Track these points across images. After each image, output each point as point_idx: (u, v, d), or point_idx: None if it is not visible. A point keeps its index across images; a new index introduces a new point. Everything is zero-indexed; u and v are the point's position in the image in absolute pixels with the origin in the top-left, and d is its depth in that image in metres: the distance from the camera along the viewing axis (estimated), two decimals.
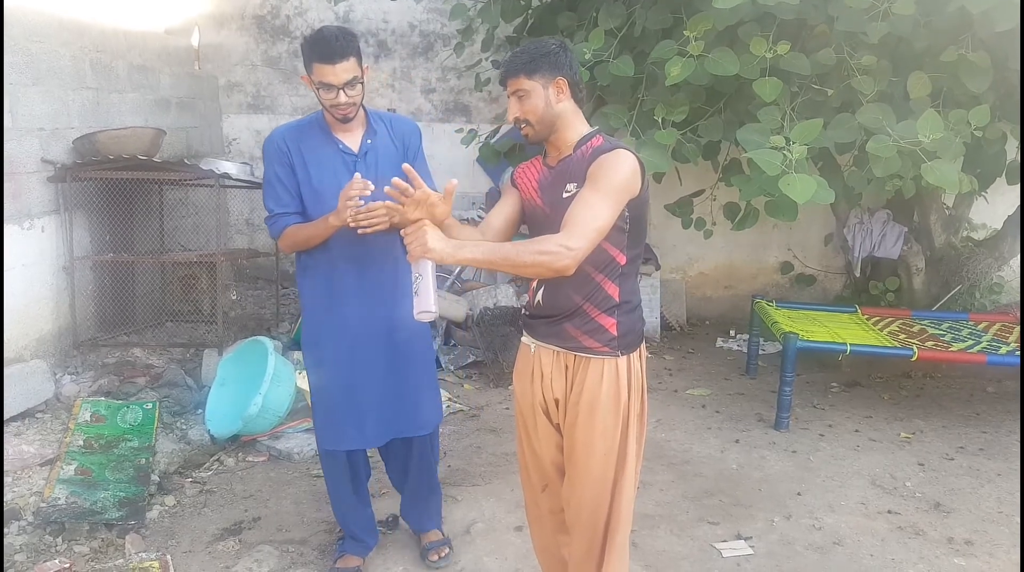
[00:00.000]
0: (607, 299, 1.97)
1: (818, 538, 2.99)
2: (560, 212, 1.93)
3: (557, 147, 2.03)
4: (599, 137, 2.00)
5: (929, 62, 3.57)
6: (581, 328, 1.98)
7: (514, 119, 2.00)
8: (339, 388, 2.48)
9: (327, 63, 2.19)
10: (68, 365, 4.10)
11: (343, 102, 2.24)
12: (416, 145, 2.45)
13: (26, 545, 2.75)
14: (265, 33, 5.99)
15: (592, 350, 1.99)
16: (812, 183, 3.07)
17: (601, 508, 2.03)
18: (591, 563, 2.08)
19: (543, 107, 1.95)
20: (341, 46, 2.19)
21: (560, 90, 1.95)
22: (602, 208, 1.85)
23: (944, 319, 4.71)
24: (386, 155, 2.38)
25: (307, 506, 3.17)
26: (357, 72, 2.23)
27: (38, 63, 3.90)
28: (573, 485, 2.07)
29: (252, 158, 6.00)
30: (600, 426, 1.99)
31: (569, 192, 1.95)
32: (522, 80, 1.94)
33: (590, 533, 2.06)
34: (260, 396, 3.45)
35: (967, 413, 4.33)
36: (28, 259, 3.84)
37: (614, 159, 1.89)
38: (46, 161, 3.95)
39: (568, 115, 1.99)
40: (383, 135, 2.40)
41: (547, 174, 2.06)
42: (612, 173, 1.88)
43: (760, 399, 4.46)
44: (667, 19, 3.81)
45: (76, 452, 3.27)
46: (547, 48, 1.95)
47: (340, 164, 2.35)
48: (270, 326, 4.99)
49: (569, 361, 2.03)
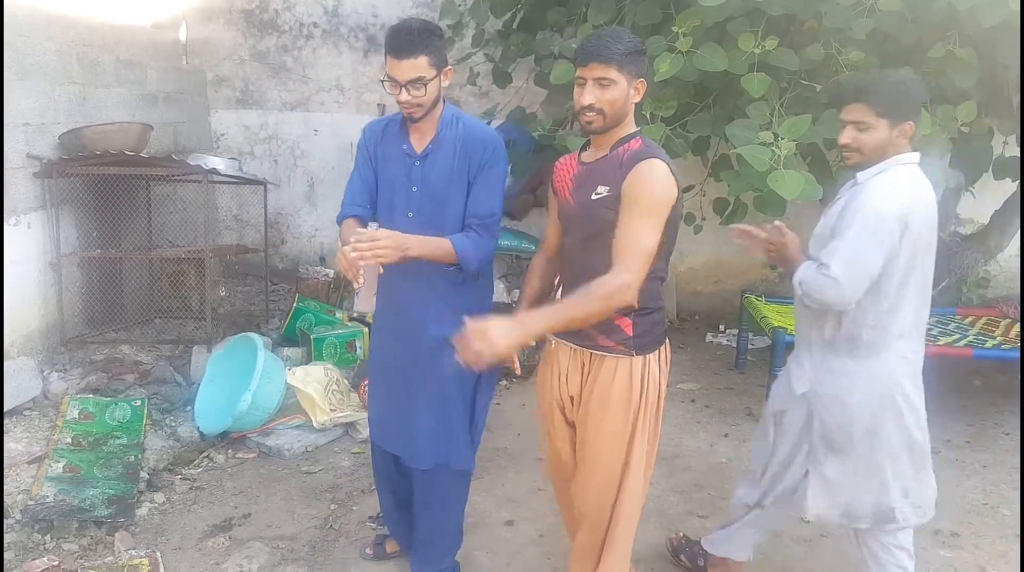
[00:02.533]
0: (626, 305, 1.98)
1: (806, 531, 3.02)
2: (588, 214, 1.95)
3: (600, 144, 2.02)
4: (638, 139, 1.98)
5: (917, 58, 3.58)
6: (597, 326, 1.99)
7: (586, 105, 1.92)
8: (374, 384, 2.59)
9: (394, 57, 2.11)
10: (56, 362, 4.07)
11: (404, 100, 2.15)
12: (480, 159, 2.24)
13: (14, 543, 2.74)
14: (253, 27, 5.95)
15: (607, 348, 2.00)
16: (800, 179, 3.07)
17: (605, 506, 2.05)
18: (590, 559, 2.10)
19: (622, 102, 1.93)
20: (411, 42, 2.09)
21: (638, 92, 1.95)
22: (647, 230, 1.86)
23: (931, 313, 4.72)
24: (444, 162, 2.26)
25: (297, 502, 3.16)
26: (426, 73, 2.12)
27: (24, 58, 3.86)
28: (579, 481, 2.09)
29: (240, 153, 5.98)
30: (609, 424, 2.00)
31: (599, 194, 1.95)
32: (613, 70, 1.88)
33: (593, 529, 2.08)
34: (250, 393, 3.44)
35: (954, 406, 4.36)
36: (15, 256, 3.81)
37: (649, 174, 1.88)
38: (32, 156, 3.91)
39: (631, 115, 1.99)
40: (449, 142, 2.26)
41: (581, 171, 2.06)
42: (650, 192, 1.87)
43: (749, 393, 4.48)
44: (656, 15, 3.81)
45: (64, 449, 3.25)
46: (640, 46, 1.92)
47: (402, 164, 2.31)
48: (259, 322, 4.97)
49: (585, 358, 2.05)
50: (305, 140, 6.08)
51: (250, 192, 5.66)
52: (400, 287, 2.37)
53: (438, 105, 2.25)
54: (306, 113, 6.05)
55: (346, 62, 5.96)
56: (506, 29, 4.97)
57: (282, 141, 6.10)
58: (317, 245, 6.22)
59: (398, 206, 2.32)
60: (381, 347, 2.53)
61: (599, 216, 1.95)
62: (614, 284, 1.82)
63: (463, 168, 2.25)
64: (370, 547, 2.80)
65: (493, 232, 2.28)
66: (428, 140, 2.28)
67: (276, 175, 6.03)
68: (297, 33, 5.96)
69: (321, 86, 6.01)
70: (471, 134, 2.27)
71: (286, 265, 6.15)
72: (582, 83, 1.93)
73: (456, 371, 2.35)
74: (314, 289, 5.33)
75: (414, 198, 2.29)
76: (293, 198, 6.15)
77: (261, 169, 6.00)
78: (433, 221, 2.26)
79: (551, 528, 3.01)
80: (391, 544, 2.78)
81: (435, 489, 2.46)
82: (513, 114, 4.99)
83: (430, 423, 2.38)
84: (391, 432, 2.50)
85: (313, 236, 6.21)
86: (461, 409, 2.41)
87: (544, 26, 4.56)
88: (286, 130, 6.08)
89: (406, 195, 2.31)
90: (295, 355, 4.35)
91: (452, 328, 2.30)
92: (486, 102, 5.71)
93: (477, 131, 2.29)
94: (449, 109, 2.30)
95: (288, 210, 6.16)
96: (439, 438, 2.39)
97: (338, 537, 2.93)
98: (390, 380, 2.48)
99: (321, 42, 5.96)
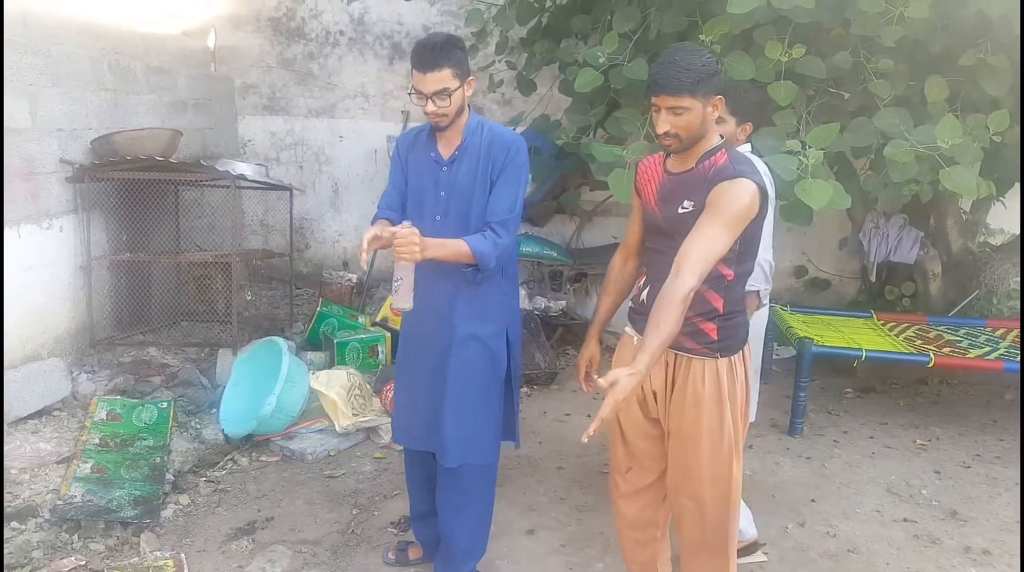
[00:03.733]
0: (711, 310, 2.02)
1: (832, 546, 2.97)
2: (675, 227, 1.98)
3: (684, 157, 2.03)
4: (723, 152, 1.99)
5: (947, 66, 3.54)
6: (682, 330, 1.99)
7: (662, 133, 1.96)
8: (400, 383, 2.64)
9: (419, 70, 2.23)
10: (85, 364, 4.13)
11: (430, 110, 2.27)
12: (503, 160, 2.34)
13: (43, 542, 2.77)
14: (280, 35, 6.02)
15: (692, 351, 2.04)
16: (828, 188, 3.04)
17: (722, 500, 2.09)
18: (711, 551, 2.15)
19: (698, 125, 1.95)
20: (434, 57, 2.20)
21: (716, 108, 1.96)
22: (718, 239, 1.89)
23: (961, 325, 4.67)
24: (469, 167, 2.37)
25: (320, 506, 3.18)
26: (450, 84, 2.23)
27: (58, 65, 3.94)
28: (682, 477, 2.11)
29: (267, 159, 6.04)
30: (707, 423, 2.05)
31: (685, 209, 1.98)
32: (684, 99, 1.90)
33: (707, 523, 2.12)
34: (274, 396, 3.47)
35: (984, 420, 4.29)
36: (46, 258, 3.88)
37: (736, 190, 1.89)
38: (64, 161, 3.99)
39: (712, 131, 2.01)
40: (474, 148, 2.37)
41: (667, 181, 2.08)
42: (732, 205, 1.89)
43: (774, 405, 4.43)
44: (682, 22, 3.79)
45: (92, 450, 3.30)
46: (712, 67, 1.92)
47: (430, 171, 2.42)
48: (284, 326, 5.01)
49: (669, 358, 2.08)
50: (330, 146, 6.13)
51: (276, 197, 5.72)
52: (429, 287, 2.40)
53: (463, 113, 2.36)
54: (331, 120, 6.10)
55: (371, 69, 6.01)
56: (530, 37, 4.99)
57: (307, 147, 6.16)
58: (340, 250, 6.26)
59: (427, 210, 2.42)
60: (409, 345, 2.58)
61: (685, 228, 1.96)
62: (679, 294, 1.86)
63: (487, 172, 2.36)
64: (392, 552, 2.80)
65: (510, 229, 2.34)
66: (455, 147, 2.39)
67: (301, 181, 6.09)
68: (323, 41, 6.02)
69: (346, 93, 6.06)
70: (495, 139, 2.37)
71: (310, 270, 6.20)
72: (656, 110, 1.96)
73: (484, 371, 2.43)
74: (337, 294, 5.37)
75: (441, 202, 2.40)
76: (318, 203, 6.20)
77: (287, 175, 6.06)
78: (459, 224, 2.36)
79: (573, 537, 2.99)
80: (414, 550, 2.79)
81: (460, 488, 2.50)
82: (537, 122, 5.00)
83: (457, 423, 2.43)
84: (419, 430, 2.53)
85: (337, 241, 6.25)
86: (487, 408, 2.47)
87: (569, 33, 4.56)
88: (311, 136, 6.14)
89: (434, 199, 2.41)
90: (318, 359, 4.38)
91: (479, 327, 2.41)
92: (510, 110, 5.73)
93: (500, 135, 2.40)
94: (474, 117, 2.41)
95: (312, 215, 6.22)
96: (466, 437, 2.44)
97: (360, 542, 2.93)
98: (417, 378, 2.52)
99: (347, 50, 6.01)
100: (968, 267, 4.99)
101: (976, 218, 5.01)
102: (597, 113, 4.21)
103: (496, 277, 2.43)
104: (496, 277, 2.43)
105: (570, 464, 3.64)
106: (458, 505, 2.52)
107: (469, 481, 2.50)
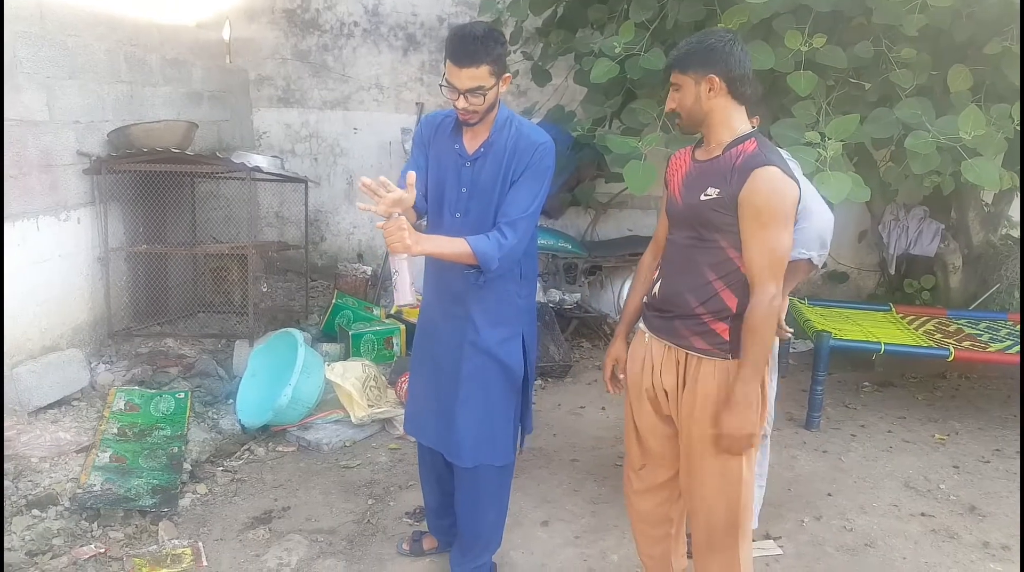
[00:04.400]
0: (724, 309, 1.98)
1: (849, 540, 2.95)
2: (695, 215, 1.97)
3: (708, 143, 2.02)
4: (753, 141, 1.95)
5: (971, 55, 3.48)
6: (693, 329, 2.01)
7: (670, 110, 2.01)
8: (414, 375, 2.59)
9: (454, 63, 2.08)
10: (103, 354, 4.17)
11: (461, 107, 2.14)
12: (527, 161, 2.20)
13: (63, 530, 2.80)
14: (295, 27, 6.02)
15: (702, 351, 2.01)
16: (847, 180, 3.01)
17: (731, 505, 2.07)
18: (720, 551, 2.13)
19: (691, 102, 1.95)
20: (472, 51, 2.05)
21: (711, 87, 1.92)
22: (777, 242, 1.88)
23: (982, 319, 4.61)
24: (493, 165, 2.24)
25: (336, 496, 3.19)
26: (486, 82, 2.09)
27: (74, 57, 3.96)
28: (695, 476, 2.09)
29: (282, 151, 6.06)
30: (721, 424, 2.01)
31: (709, 196, 1.94)
32: (676, 74, 1.95)
33: (715, 525, 2.10)
34: (290, 387, 3.48)
35: (1004, 415, 4.24)
36: (64, 250, 3.91)
37: (767, 185, 1.86)
38: (82, 153, 4.01)
39: (720, 113, 1.96)
40: (500, 145, 2.23)
41: (693, 169, 2.05)
42: (773, 206, 1.87)
43: (791, 398, 4.40)
44: (700, 12, 3.75)
45: (111, 440, 3.33)
46: (707, 43, 1.91)
47: (453, 164, 2.30)
48: (299, 318, 5.03)
49: (680, 357, 2.06)
50: (345, 138, 6.14)
51: (291, 190, 5.73)
52: (445, 285, 2.37)
53: (494, 109, 2.23)
54: (346, 112, 6.11)
55: (385, 61, 6.00)
56: (545, 27, 4.96)
57: (322, 139, 6.16)
58: (355, 242, 6.27)
59: (447, 206, 2.32)
60: (423, 341, 2.53)
61: (706, 217, 1.95)
62: (765, 305, 1.88)
63: (509, 172, 2.22)
64: (407, 543, 2.81)
65: (519, 230, 2.19)
66: (480, 142, 2.26)
67: (316, 173, 6.10)
68: (338, 32, 6.01)
69: (361, 85, 6.05)
70: (522, 138, 2.23)
71: (325, 262, 6.22)
72: None
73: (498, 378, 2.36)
74: (352, 286, 5.38)
75: (463, 199, 2.28)
76: (332, 196, 6.21)
77: (302, 167, 6.07)
78: (479, 224, 2.23)
79: (587, 529, 2.99)
80: (429, 540, 2.79)
81: (477, 486, 2.46)
82: (552, 113, 4.97)
83: (473, 423, 2.37)
84: (431, 428, 2.50)
85: (351, 233, 6.27)
86: (504, 410, 2.40)
87: (584, 23, 4.53)
88: (326, 128, 6.14)
89: (455, 196, 2.30)
90: (333, 351, 4.40)
91: (493, 333, 2.33)
92: (524, 100, 5.70)
93: (528, 135, 2.24)
94: (504, 111, 2.26)
95: (327, 207, 6.23)
96: (482, 438, 2.38)
97: (375, 532, 2.94)
98: (431, 376, 2.48)
99: (361, 41, 6.01)
100: (989, 260, 4.93)
101: (998, 210, 4.94)
102: (613, 104, 4.18)
103: (513, 278, 2.33)
104: (513, 278, 2.33)
105: (584, 456, 3.63)
106: (475, 502, 2.48)
107: (486, 480, 2.45)
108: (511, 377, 2.39)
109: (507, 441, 2.44)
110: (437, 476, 2.63)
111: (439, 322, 2.44)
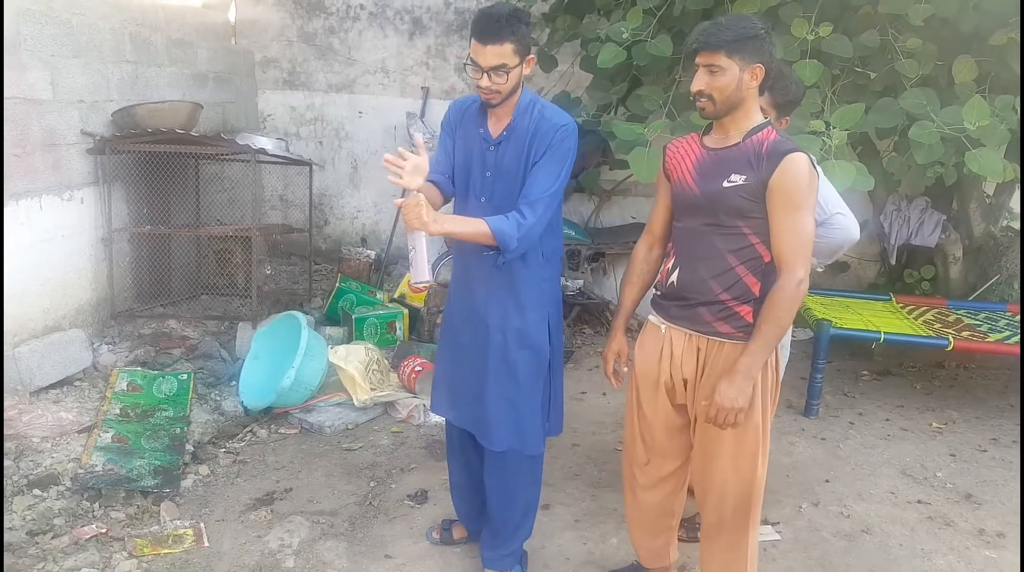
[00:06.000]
0: (747, 292, 2.00)
1: (846, 526, 2.98)
2: (718, 202, 1.96)
3: (725, 130, 2.01)
4: (771, 129, 1.96)
5: (976, 45, 3.47)
6: (716, 314, 2.01)
7: (696, 91, 1.95)
8: (443, 356, 2.57)
9: (479, 42, 2.09)
10: (105, 335, 4.19)
11: (484, 86, 2.13)
12: (546, 143, 2.19)
13: (64, 510, 2.82)
14: (301, 9, 6.00)
15: (726, 335, 2.02)
16: (851, 169, 3.02)
17: (745, 485, 2.09)
18: (729, 532, 2.15)
19: (733, 89, 1.92)
20: (497, 28, 2.06)
21: (755, 77, 1.92)
22: (805, 224, 1.90)
23: (981, 309, 4.62)
24: (516, 149, 2.24)
25: (338, 478, 3.22)
26: (509, 60, 2.09)
27: (79, 36, 3.95)
28: (710, 456, 2.11)
29: (287, 134, 6.05)
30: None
31: (732, 183, 1.94)
32: (720, 56, 1.89)
33: (728, 507, 2.12)
34: (293, 370, 3.50)
35: (1001, 405, 4.26)
36: (67, 230, 3.92)
37: (799, 170, 1.88)
38: (86, 133, 4.01)
39: (751, 102, 1.97)
40: (523, 129, 2.23)
41: (706, 157, 2.04)
42: (804, 191, 1.89)
43: (790, 385, 4.42)
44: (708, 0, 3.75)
45: (113, 420, 3.35)
46: (755, 31, 1.90)
47: (477, 148, 2.30)
48: (303, 301, 5.05)
49: (701, 344, 2.06)
50: (350, 122, 6.12)
51: (295, 172, 5.73)
52: (471, 268, 2.36)
53: (517, 91, 2.22)
54: (351, 95, 6.09)
55: (391, 44, 5.98)
56: (552, 12, 4.94)
57: (327, 122, 6.15)
58: (359, 226, 6.27)
59: (472, 191, 2.33)
60: (452, 325, 2.51)
61: (730, 203, 1.95)
62: (792, 287, 1.89)
63: (532, 154, 2.22)
64: (436, 531, 2.80)
65: (538, 210, 2.18)
66: (504, 126, 2.25)
67: (321, 156, 6.10)
68: (344, 15, 5.99)
69: (366, 68, 6.03)
70: (543, 120, 2.22)
71: (329, 245, 6.23)
72: (695, 70, 1.95)
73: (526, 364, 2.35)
74: (356, 269, 5.39)
75: (487, 183, 2.29)
76: (337, 179, 6.21)
77: (306, 150, 6.06)
78: (504, 207, 2.22)
79: (587, 513, 3.02)
80: (458, 529, 2.77)
81: (506, 472, 2.45)
82: (558, 99, 4.96)
83: (501, 408, 2.36)
84: (462, 408, 2.48)
85: (355, 217, 6.27)
86: (530, 395, 2.38)
87: (591, 9, 4.51)
88: (331, 112, 6.13)
89: (480, 180, 2.30)
90: (336, 334, 4.42)
91: (519, 318, 2.32)
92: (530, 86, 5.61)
93: (550, 118, 2.23)
94: (527, 95, 2.26)
95: (332, 191, 6.23)
96: (510, 423, 2.37)
97: (377, 514, 2.97)
98: (460, 359, 2.46)
99: (367, 24, 5.98)
100: (990, 251, 4.93)
101: (999, 202, 4.94)
102: (619, 90, 4.18)
103: (536, 260, 2.32)
104: (536, 260, 2.32)
105: (585, 441, 3.66)
106: (504, 487, 2.48)
107: (515, 468, 2.44)
108: (538, 362, 2.37)
109: (536, 430, 2.41)
110: (466, 460, 2.61)
111: (466, 306, 2.42)
